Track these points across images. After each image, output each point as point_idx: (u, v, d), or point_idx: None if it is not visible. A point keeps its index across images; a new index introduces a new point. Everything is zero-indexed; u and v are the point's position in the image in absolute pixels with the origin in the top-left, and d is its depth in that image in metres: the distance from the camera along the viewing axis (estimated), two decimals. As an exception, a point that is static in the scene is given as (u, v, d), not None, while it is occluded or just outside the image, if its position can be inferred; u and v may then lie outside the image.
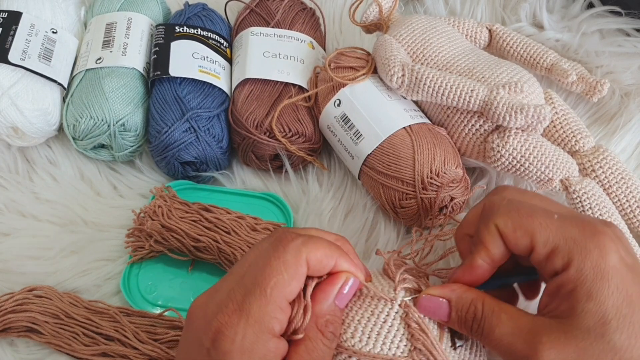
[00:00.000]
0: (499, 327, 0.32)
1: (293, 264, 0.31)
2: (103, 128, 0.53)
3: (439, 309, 0.34)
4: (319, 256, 0.32)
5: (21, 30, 0.55)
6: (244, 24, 0.60)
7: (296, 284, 0.31)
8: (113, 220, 0.53)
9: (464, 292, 0.34)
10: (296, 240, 0.31)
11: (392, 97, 0.51)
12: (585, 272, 0.30)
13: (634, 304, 0.30)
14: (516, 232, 0.33)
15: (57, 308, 0.46)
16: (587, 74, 0.55)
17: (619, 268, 0.30)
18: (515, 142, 0.46)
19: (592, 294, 0.30)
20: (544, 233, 0.32)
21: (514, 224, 0.33)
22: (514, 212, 0.33)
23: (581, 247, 0.31)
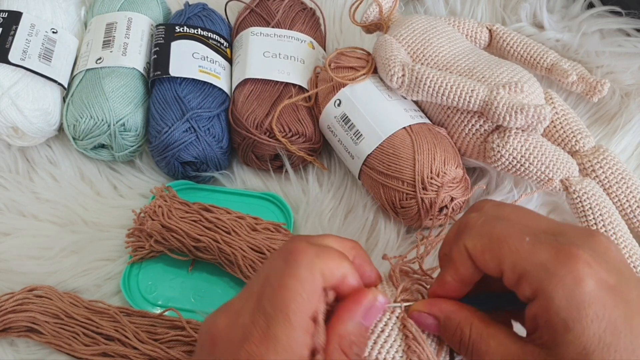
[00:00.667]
0: (487, 354, 0.30)
1: (309, 280, 0.29)
2: (103, 128, 0.53)
3: (428, 325, 0.33)
4: (332, 268, 0.30)
5: (21, 30, 0.55)
6: (244, 24, 0.60)
7: (315, 300, 0.29)
8: (113, 220, 0.53)
9: (453, 312, 0.32)
10: (309, 253, 0.30)
11: (392, 97, 0.51)
12: (557, 302, 0.28)
13: (619, 331, 0.27)
14: (484, 255, 0.31)
15: (57, 308, 0.46)
16: (587, 74, 0.55)
17: (597, 294, 0.28)
18: (516, 142, 0.46)
19: (569, 325, 0.28)
20: (511, 258, 0.30)
21: (482, 247, 0.31)
22: (484, 235, 0.31)
23: (551, 274, 0.28)
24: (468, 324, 0.32)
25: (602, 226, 0.46)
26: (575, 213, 0.47)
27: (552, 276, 0.28)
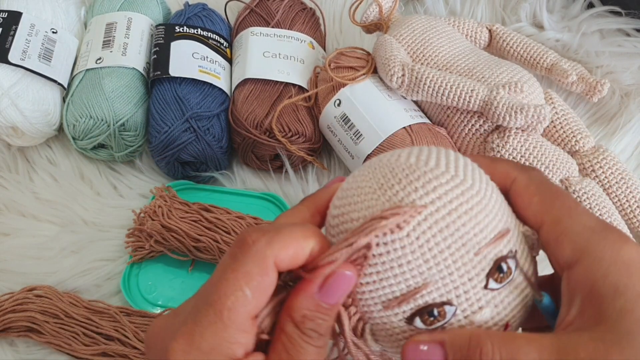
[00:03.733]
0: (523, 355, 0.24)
1: (257, 275, 0.25)
2: (103, 128, 0.53)
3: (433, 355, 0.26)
4: (291, 253, 0.26)
5: (21, 30, 0.55)
6: (244, 24, 0.60)
7: (262, 298, 0.26)
8: (113, 220, 0.53)
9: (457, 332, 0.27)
10: (259, 243, 0.26)
11: (392, 97, 0.51)
12: (605, 265, 0.25)
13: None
14: (533, 196, 0.28)
15: (57, 308, 0.46)
16: (587, 74, 0.55)
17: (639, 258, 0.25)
18: (515, 142, 0.46)
19: (619, 289, 0.24)
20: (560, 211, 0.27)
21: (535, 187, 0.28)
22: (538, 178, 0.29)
23: (599, 235, 0.26)
24: (487, 339, 0.26)
25: (602, 226, 0.46)
26: (575, 213, 0.47)
27: (600, 237, 0.26)
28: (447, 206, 0.26)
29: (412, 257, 0.26)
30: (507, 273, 0.27)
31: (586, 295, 0.25)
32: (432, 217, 0.26)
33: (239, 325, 0.25)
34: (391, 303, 0.27)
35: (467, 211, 0.26)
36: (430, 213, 0.26)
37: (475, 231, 0.26)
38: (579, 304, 0.25)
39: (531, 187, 0.29)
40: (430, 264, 0.26)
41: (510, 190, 0.29)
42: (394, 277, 0.27)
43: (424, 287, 0.26)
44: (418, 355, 0.26)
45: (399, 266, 0.26)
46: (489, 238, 0.27)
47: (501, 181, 0.29)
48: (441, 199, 0.26)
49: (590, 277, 0.25)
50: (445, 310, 0.27)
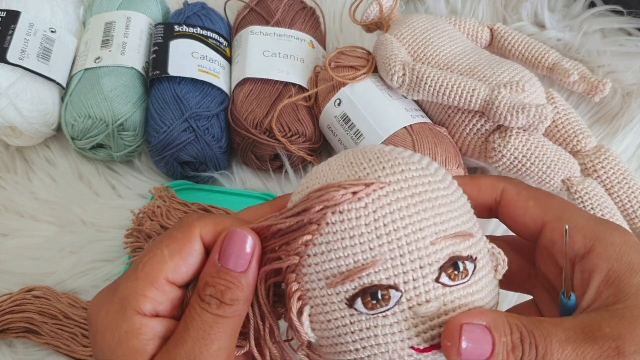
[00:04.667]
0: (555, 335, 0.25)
1: (179, 239, 0.27)
2: (102, 128, 0.52)
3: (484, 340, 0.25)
4: (214, 228, 0.27)
5: (20, 29, 0.55)
6: (244, 23, 0.60)
7: (180, 262, 0.27)
8: (112, 220, 0.53)
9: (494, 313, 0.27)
10: (191, 217, 0.28)
11: (392, 97, 0.51)
12: (617, 248, 0.26)
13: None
14: (528, 202, 0.29)
15: (56, 309, 0.46)
16: (588, 74, 0.54)
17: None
18: (517, 142, 0.46)
19: (634, 267, 0.25)
20: (559, 210, 0.28)
21: (527, 195, 0.29)
22: (529, 187, 0.29)
23: (605, 225, 0.27)
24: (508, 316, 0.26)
25: (603, 226, 0.46)
26: (576, 213, 0.47)
27: (605, 226, 0.27)
28: (411, 189, 0.26)
29: (365, 229, 0.25)
30: (463, 274, 0.26)
31: (603, 277, 0.26)
32: (394, 194, 0.26)
33: (151, 280, 0.26)
34: (335, 279, 0.26)
35: (430, 199, 0.26)
36: (392, 190, 0.26)
37: (435, 220, 0.26)
38: (595, 287, 0.26)
39: (523, 192, 0.29)
40: (383, 241, 0.25)
41: (502, 200, 0.30)
42: (343, 249, 0.25)
43: (372, 264, 0.25)
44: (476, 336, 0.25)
45: (351, 237, 0.25)
46: (449, 232, 0.26)
47: (488, 194, 0.30)
48: (406, 181, 0.26)
49: (605, 260, 0.26)
50: (390, 295, 0.25)
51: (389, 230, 0.25)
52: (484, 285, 0.27)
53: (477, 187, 0.30)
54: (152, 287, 0.27)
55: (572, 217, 0.28)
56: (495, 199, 0.30)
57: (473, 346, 0.25)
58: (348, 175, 0.26)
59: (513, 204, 0.30)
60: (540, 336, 0.25)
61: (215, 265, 0.27)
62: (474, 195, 0.30)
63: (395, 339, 0.26)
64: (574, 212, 0.28)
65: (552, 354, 0.25)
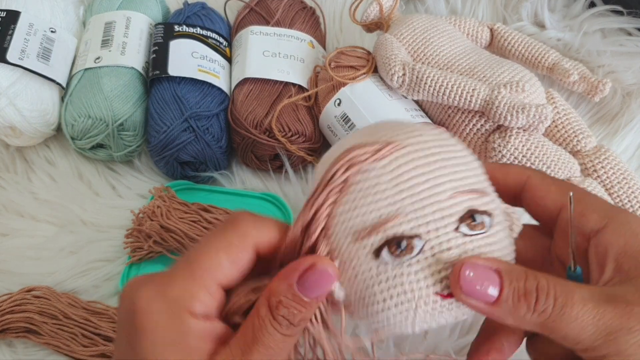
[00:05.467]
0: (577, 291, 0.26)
1: (235, 247, 0.27)
2: (102, 128, 0.52)
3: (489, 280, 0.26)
4: (271, 237, 0.28)
5: (20, 29, 0.55)
6: (244, 23, 0.60)
7: (235, 269, 0.27)
8: (112, 220, 0.53)
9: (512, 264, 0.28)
10: (246, 222, 0.28)
11: (392, 97, 0.51)
12: (633, 225, 0.27)
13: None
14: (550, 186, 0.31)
15: (56, 309, 0.46)
16: (588, 74, 0.54)
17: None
18: (517, 142, 0.46)
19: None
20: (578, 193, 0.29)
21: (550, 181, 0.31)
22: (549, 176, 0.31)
23: (617, 209, 0.29)
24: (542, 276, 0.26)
25: (603, 226, 0.46)
26: (576, 213, 0.47)
27: (619, 209, 0.29)
28: (429, 149, 0.28)
29: (387, 185, 0.27)
30: (480, 225, 0.27)
31: (620, 253, 0.27)
32: (412, 154, 0.27)
33: (206, 284, 0.27)
34: (361, 233, 0.27)
35: (446, 159, 0.28)
36: (410, 151, 0.27)
37: (451, 177, 0.27)
38: (613, 263, 0.27)
39: (547, 179, 0.31)
40: (404, 195, 0.27)
41: (526, 185, 0.32)
42: (367, 205, 0.27)
43: (395, 217, 0.27)
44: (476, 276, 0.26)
45: (374, 194, 0.27)
46: (466, 189, 0.28)
47: (515, 179, 0.32)
48: (425, 143, 0.28)
49: (621, 236, 0.28)
50: (414, 244, 0.27)
51: (410, 185, 0.27)
52: (501, 239, 0.28)
53: (505, 172, 0.32)
54: (206, 291, 0.27)
55: (587, 200, 0.30)
56: (520, 184, 0.32)
57: (475, 281, 0.26)
58: (368, 140, 0.28)
59: (537, 188, 0.31)
60: (561, 290, 0.26)
61: (292, 288, 0.27)
62: (502, 179, 0.31)
63: (421, 285, 0.27)
64: (591, 196, 0.30)
65: (572, 306, 0.25)
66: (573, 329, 0.25)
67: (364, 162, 0.27)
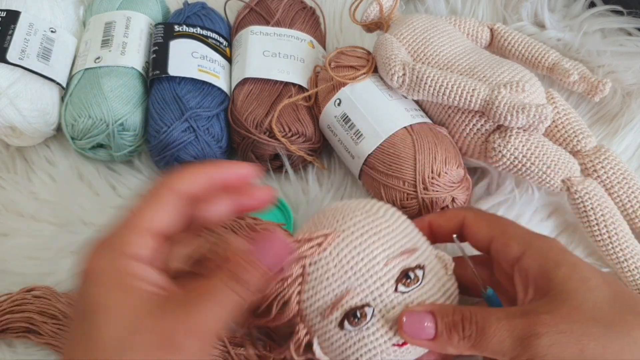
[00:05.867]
0: (493, 314, 0.32)
1: (154, 193, 0.31)
2: (102, 128, 0.52)
3: (424, 323, 0.33)
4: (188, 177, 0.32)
5: (20, 29, 0.55)
6: (244, 22, 0.60)
7: (161, 211, 0.31)
8: (112, 220, 0.52)
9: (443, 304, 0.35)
10: (171, 175, 0.32)
11: (392, 97, 0.51)
12: (545, 249, 0.34)
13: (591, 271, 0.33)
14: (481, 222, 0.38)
15: (56, 308, 0.46)
16: (588, 74, 0.54)
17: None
18: (517, 142, 0.46)
19: (559, 261, 0.33)
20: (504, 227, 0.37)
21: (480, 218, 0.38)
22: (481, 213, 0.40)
23: (534, 236, 0.36)
24: (466, 308, 0.33)
25: (603, 226, 0.46)
26: (576, 213, 0.47)
27: (536, 236, 0.36)
28: (359, 230, 0.35)
29: (334, 270, 0.34)
30: (414, 280, 0.35)
31: (536, 275, 0.33)
32: (347, 238, 0.35)
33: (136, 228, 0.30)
34: (326, 312, 0.34)
35: (375, 233, 0.35)
36: (345, 236, 0.35)
37: (383, 247, 0.35)
38: (533, 284, 0.33)
39: (478, 216, 0.39)
40: (349, 274, 0.34)
41: (464, 224, 0.38)
42: (324, 288, 0.34)
43: (347, 293, 0.34)
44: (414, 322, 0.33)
45: (327, 279, 0.34)
46: (396, 253, 0.35)
47: (455, 221, 0.39)
48: (355, 225, 0.35)
49: (536, 260, 0.34)
50: (366, 311, 0.34)
51: (352, 265, 0.34)
52: (436, 284, 0.36)
53: (446, 218, 0.39)
54: (140, 235, 0.30)
55: (510, 231, 0.36)
56: (459, 224, 0.39)
57: (414, 326, 0.33)
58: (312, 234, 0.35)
59: (472, 225, 0.38)
60: (481, 315, 0.32)
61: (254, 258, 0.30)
62: (444, 224, 0.39)
63: (380, 342, 0.34)
64: (513, 228, 0.37)
65: (490, 326, 0.31)
66: (495, 344, 0.31)
67: (312, 254, 0.34)
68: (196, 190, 0.32)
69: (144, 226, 0.30)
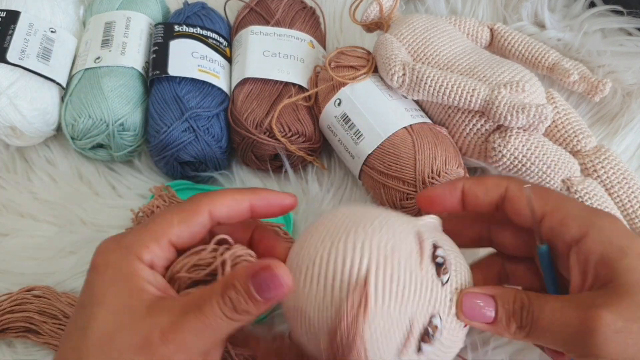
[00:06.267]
0: (548, 303, 0.30)
1: (187, 210, 0.31)
2: (102, 128, 0.52)
3: (486, 306, 0.31)
4: (227, 204, 0.32)
5: (20, 29, 0.55)
6: (244, 22, 0.60)
7: (185, 229, 0.31)
8: (112, 220, 0.53)
9: (504, 288, 0.33)
10: (200, 194, 0.32)
11: (393, 97, 0.51)
12: (609, 231, 0.30)
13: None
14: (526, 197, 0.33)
15: (56, 308, 0.46)
16: (588, 74, 0.54)
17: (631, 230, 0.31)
18: (517, 142, 0.46)
19: (624, 250, 0.29)
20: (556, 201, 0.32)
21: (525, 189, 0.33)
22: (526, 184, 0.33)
23: (596, 213, 0.31)
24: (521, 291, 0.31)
25: (604, 226, 0.46)
26: (576, 213, 0.47)
27: (597, 215, 0.31)
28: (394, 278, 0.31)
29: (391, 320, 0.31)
30: (445, 263, 0.32)
31: (598, 261, 0.30)
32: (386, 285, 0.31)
33: (156, 236, 0.30)
34: (402, 349, 0.31)
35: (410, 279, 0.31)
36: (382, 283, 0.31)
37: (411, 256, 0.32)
38: (593, 271, 0.30)
39: (525, 188, 0.33)
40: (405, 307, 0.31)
41: (506, 196, 0.34)
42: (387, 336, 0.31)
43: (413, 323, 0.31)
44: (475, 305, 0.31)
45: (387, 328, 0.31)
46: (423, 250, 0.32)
47: (494, 192, 0.34)
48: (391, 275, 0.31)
49: (599, 244, 0.30)
50: (434, 323, 0.31)
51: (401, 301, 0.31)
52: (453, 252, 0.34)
53: (484, 187, 0.34)
54: (156, 243, 0.30)
55: (567, 207, 0.32)
56: (500, 196, 0.34)
57: (473, 309, 0.31)
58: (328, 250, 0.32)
59: (516, 199, 0.33)
60: (537, 304, 0.30)
61: (247, 280, 0.29)
62: (481, 195, 0.34)
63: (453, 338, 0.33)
64: (570, 203, 0.33)
65: (544, 318, 0.30)
66: (548, 337, 0.30)
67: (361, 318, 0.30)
68: (232, 217, 0.32)
69: (168, 238, 0.31)
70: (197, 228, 0.31)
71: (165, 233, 0.31)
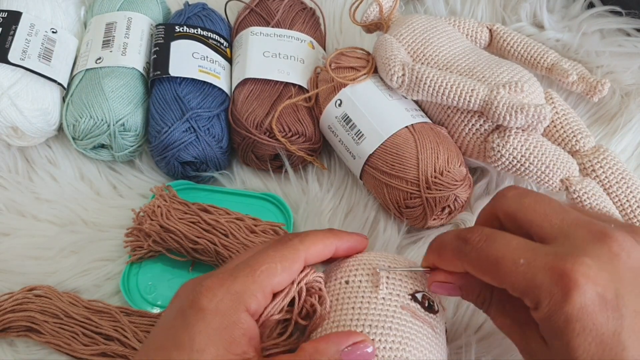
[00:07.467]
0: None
1: (289, 259, 0.33)
2: (103, 128, 0.53)
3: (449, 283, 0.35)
4: (319, 249, 0.34)
5: (21, 30, 0.55)
6: (244, 23, 0.60)
7: (286, 277, 0.32)
8: (113, 220, 0.53)
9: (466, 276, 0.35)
10: (294, 239, 0.34)
11: (393, 97, 0.51)
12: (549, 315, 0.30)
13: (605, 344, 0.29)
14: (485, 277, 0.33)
15: (57, 308, 0.46)
16: (587, 74, 0.55)
17: (587, 309, 0.29)
18: (516, 142, 0.46)
19: (557, 335, 0.30)
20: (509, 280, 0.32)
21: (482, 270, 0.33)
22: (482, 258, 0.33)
23: (545, 292, 0.30)
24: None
25: (602, 226, 0.46)
26: (575, 213, 0.47)
27: (546, 294, 0.30)
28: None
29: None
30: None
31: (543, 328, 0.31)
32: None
33: (263, 286, 0.31)
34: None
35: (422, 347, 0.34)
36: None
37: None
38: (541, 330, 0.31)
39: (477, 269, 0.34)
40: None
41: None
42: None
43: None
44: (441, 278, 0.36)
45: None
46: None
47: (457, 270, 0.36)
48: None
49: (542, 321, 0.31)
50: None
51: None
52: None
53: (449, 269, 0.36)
54: (263, 293, 0.31)
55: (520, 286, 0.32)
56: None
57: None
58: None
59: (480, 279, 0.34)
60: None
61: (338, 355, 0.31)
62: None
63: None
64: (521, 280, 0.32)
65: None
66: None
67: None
68: (319, 260, 0.35)
69: (272, 288, 0.32)
70: (294, 275, 0.33)
71: (270, 283, 0.32)
